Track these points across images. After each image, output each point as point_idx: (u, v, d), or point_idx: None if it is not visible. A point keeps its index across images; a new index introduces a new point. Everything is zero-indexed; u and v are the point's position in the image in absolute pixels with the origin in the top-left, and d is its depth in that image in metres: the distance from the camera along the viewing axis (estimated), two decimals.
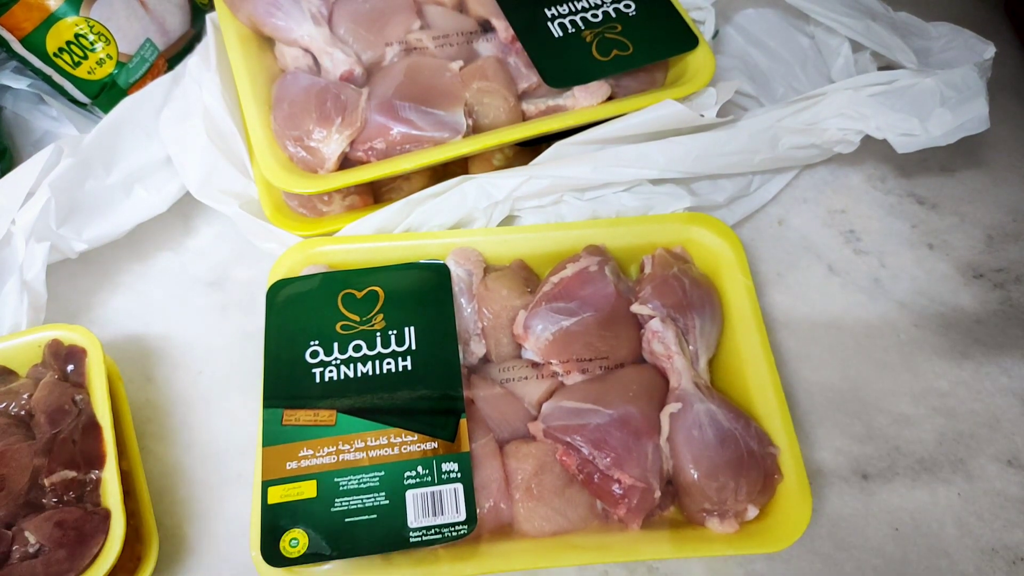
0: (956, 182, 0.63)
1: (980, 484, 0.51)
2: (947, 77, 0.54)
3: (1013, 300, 0.57)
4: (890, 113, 0.54)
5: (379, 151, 0.52)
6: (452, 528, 0.41)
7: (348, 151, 0.52)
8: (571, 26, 0.56)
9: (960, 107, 0.54)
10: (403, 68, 0.54)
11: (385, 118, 0.51)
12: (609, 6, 0.58)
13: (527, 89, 0.56)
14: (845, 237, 0.60)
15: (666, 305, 0.48)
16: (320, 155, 0.51)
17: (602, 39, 0.56)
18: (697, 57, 0.56)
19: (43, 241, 0.51)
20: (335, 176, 0.51)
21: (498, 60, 0.56)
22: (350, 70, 0.54)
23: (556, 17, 0.57)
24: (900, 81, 0.55)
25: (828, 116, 0.56)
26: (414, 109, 0.52)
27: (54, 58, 0.58)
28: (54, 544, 0.40)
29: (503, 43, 0.57)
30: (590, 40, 0.56)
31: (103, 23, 0.58)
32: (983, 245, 0.60)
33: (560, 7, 0.58)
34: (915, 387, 0.54)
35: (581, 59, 0.55)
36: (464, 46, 0.57)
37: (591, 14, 0.57)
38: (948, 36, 0.60)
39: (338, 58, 0.55)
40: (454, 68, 0.54)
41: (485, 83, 0.54)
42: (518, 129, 0.53)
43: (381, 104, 0.52)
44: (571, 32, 0.56)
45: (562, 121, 0.53)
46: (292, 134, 0.51)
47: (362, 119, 0.51)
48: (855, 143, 0.56)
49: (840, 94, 0.55)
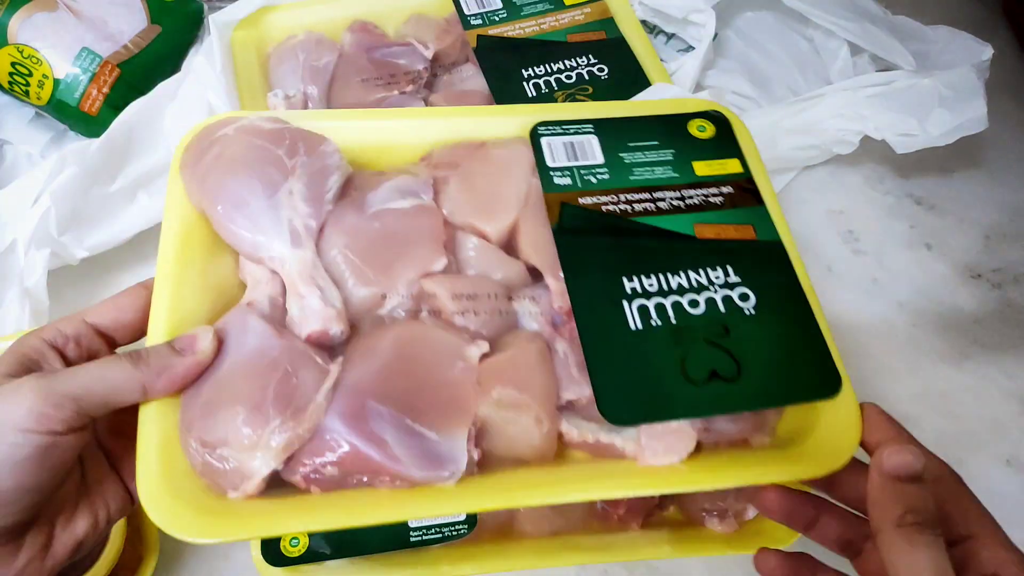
0: (954, 182, 0.63)
1: (980, 484, 0.50)
2: (945, 77, 0.54)
3: (1011, 300, 0.57)
4: (889, 113, 0.55)
5: (327, 479, 0.32)
6: (452, 528, 0.41)
7: (281, 469, 0.32)
8: (656, 310, 0.35)
9: (958, 107, 0.54)
10: (394, 342, 0.35)
11: (348, 429, 0.32)
12: (727, 289, 0.36)
13: (574, 403, 0.36)
14: (843, 237, 0.60)
15: None
16: (237, 471, 0.31)
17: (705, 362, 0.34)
18: (837, 412, 0.34)
19: (43, 248, 0.51)
20: (248, 514, 0.30)
21: (541, 352, 0.36)
22: (323, 330, 0.34)
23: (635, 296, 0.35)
24: (898, 82, 0.55)
25: (827, 117, 0.56)
26: (394, 422, 0.32)
27: (13, 90, 0.57)
28: None
29: (554, 312, 0.38)
30: (679, 363, 0.34)
31: (31, 44, 0.56)
32: (981, 245, 0.60)
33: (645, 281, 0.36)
34: (914, 387, 0.54)
35: (666, 382, 0.33)
36: (496, 316, 0.37)
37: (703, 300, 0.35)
38: (946, 39, 0.60)
39: (311, 308, 0.35)
40: (471, 356, 0.35)
41: (511, 392, 0.34)
42: (546, 490, 0.33)
43: (349, 403, 0.32)
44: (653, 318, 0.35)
45: (620, 485, 0.33)
46: (202, 435, 0.31)
47: (313, 423, 0.32)
48: (854, 144, 0.56)
49: (839, 95, 0.56)
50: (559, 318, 0.38)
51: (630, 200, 0.38)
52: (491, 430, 0.34)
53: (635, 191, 0.38)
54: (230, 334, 0.33)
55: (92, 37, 0.58)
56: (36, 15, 0.56)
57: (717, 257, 0.36)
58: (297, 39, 0.60)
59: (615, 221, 0.37)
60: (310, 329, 0.34)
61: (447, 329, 0.36)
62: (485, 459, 0.34)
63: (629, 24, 0.61)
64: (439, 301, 0.37)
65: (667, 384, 0.33)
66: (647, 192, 0.38)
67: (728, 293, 0.35)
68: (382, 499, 0.31)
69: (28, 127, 0.62)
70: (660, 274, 0.36)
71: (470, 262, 0.39)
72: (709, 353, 0.34)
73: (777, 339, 0.35)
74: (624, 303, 0.35)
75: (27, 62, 0.56)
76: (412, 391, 0.33)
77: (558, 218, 0.37)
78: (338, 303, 0.36)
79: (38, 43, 0.56)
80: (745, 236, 0.37)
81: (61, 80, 0.57)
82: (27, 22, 0.56)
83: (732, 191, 0.39)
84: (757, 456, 0.35)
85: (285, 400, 0.31)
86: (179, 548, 0.48)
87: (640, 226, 0.37)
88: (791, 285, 0.36)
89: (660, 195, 0.38)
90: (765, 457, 0.35)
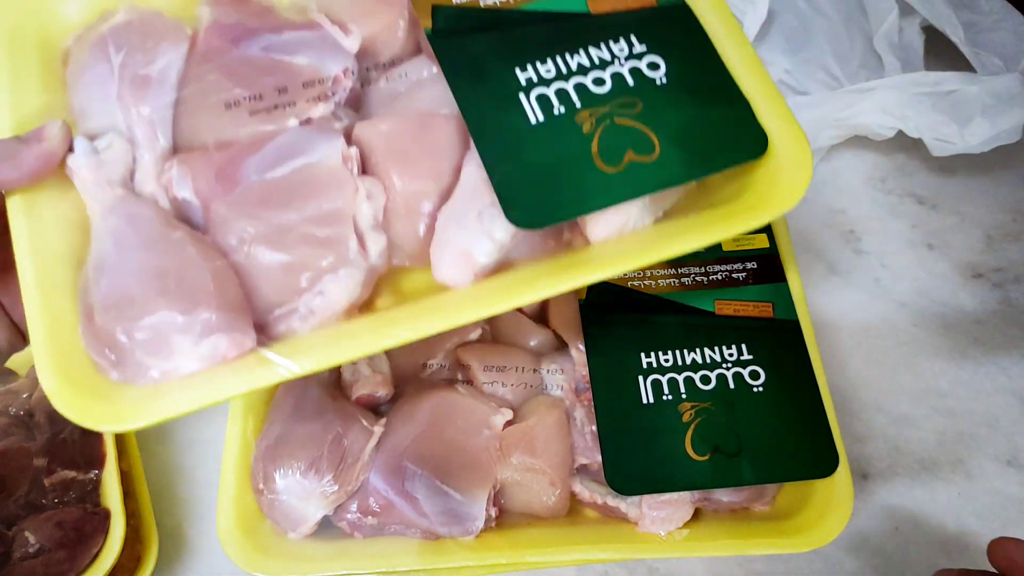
0: (956, 182, 0.63)
1: (980, 484, 0.51)
2: (991, 85, 0.54)
3: (1013, 300, 0.57)
4: (931, 115, 0.55)
5: (367, 527, 0.39)
6: None
7: (331, 515, 0.39)
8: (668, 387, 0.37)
9: (999, 117, 0.54)
10: (431, 410, 0.39)
11: (388, 486, 0.38)
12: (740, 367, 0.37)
13: (587, 466, 0.40)
14: (845, 237, 0.60)
15: None
16: (296, 514, 0.38)
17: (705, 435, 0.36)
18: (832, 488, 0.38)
19: None
20: (305, 558, 0.38)
21: (560, 421, 0.40)
22: (371, 393, 0.41)
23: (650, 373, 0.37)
24: (946, 84, 0.55)
25: (870, 110, 0.56)
26: (425, 482, 0.38)
27: None
28: (54, 544, 0.40)
29: (579, 379, 0.41)
30: (685, 437, 0.36)
31: None
32: (983, 245, 0.60)
33: None
34: (915, 387, 0.54)
35: (671, 455, 0.36)
36: (522, 386, 0.41)
37: None
38: (999, 14, 0.59)
39: (361, 373, 0.41)
40: (496, 424, 0.39)
41: (530, 459, 0.38)
42: (554, 550, 0.38)
43: (390, 462, 0.38)
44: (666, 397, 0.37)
45: (621, 550, 0.38)
46: (268, 483, 0.38)
47: (359, 479, 0.38)
48: (886, 136, 0.57)
49: (888, 92, 0.56)
50: (582, 384, 0.40)
51: (655, 276, 0.40)
52: (509, 490, 0.39)
53: (661, 267, 0.40)
54: (288, 401, 0.40)
55: None
56: None
57: (734, 334, 0.37)
58: (112, 22, 0.33)
59: (639, 297, 0.39)
60: (360, 392, 0.40)
61: (477, 398, 0.40)
62: (503, 513, 0.39)
63: None
64: (472, 372, 0.41)
65: (672, 457, 0.35)
66: (672, 268, 0.39)
67: (739, 371, 0.36)
68: (411, 549, 0.38)
69: None
70: (677, 351, 0.37)
71: (500, 330, 0.42)
72: (714, 429, 0.35)
73: (780, 418, 0.36)
74: (639, 378, 0.36)
75: None
76: (443, 454, 0.38)
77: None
78: (385, 369, 0.41)
79: None
80: (763, 314, 0.38)
81: None
82: None
83: (756, 267, 0.39)
84: (751, 528, 0.39)
85: (337, 457, 0.38)
86: (178, 548, 0.48)
87: (663, 302, 0.39)
88: (801, 364, 0.37)
89: (685, 270, 0.39)
90: (758, 529, 0.38)
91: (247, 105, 0.31)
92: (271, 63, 0.32)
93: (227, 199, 0.29)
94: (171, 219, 0.30)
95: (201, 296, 0.27)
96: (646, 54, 0.31)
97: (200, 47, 0.32)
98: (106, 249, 0.28)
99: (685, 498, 0.38)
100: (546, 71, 0.31)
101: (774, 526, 0.39)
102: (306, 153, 0.30)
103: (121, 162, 0.30)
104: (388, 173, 0.30)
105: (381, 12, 0.33)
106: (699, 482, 0.35)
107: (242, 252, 0.29)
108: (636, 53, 0.31)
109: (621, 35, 0.31)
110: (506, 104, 0.30)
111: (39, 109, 0.31)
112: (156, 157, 0.31)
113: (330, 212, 0.29)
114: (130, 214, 0.29)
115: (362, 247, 0.30)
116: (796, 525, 0.39)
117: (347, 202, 0.29)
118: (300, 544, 0.38)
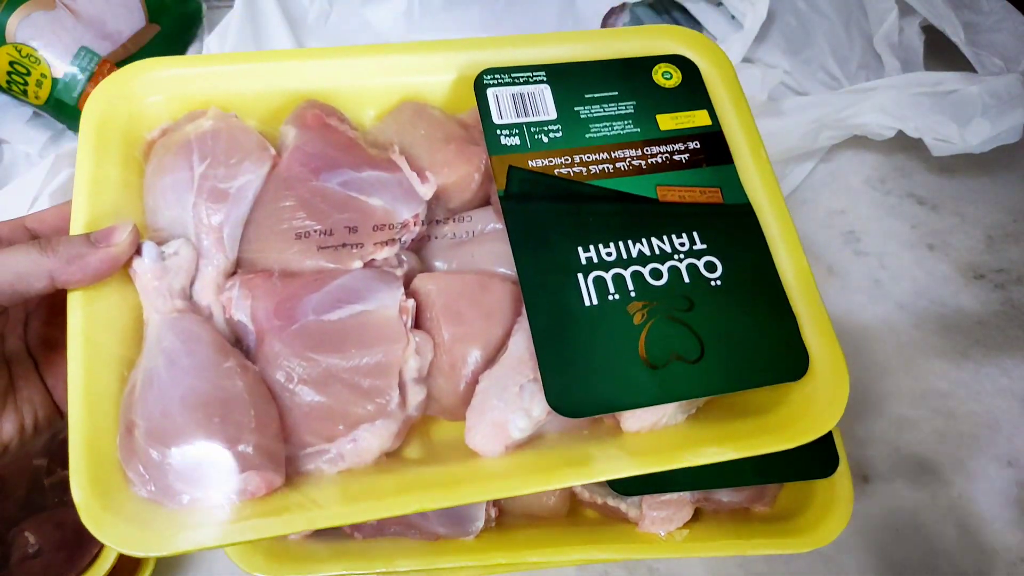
0: (956, 183, 0.63)
1: (980, 484, 0.51)
2: (991, 86, 0.54)
3: (1014, 301, 0.57)
4: (932, 116, 0.55)
5: (367, 527, 0.39)
6: None
7: None
8: None
9: (999, 118, 0.54)
10: None
11: None
12: None
13: None
14: (845, 238, 0.60)
15: None
16: None
17: None
18: (833, 487, 0.40)
19: None
20: (307, 558, 0.38)
21: None
22: None
23: None
24: (946, 84, 0.55)
25: (869, 111, 0.56)
26: None
27: (11, 90, 0.57)
28: (54, 545, 0.40)
29: None
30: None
31: (29, 43, 0.56)
32: (983, 246, 0.60)
33: None
34: (915, 388, 0.54)
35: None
36: None
37: None
38: (999, 14, 0.60)
39: None
40: None
41: None
42: (553, 550, 0.39)
43: None
44: None
45: (620, 550, 0.39)
46: None
47: None
48: (886, 136, 0.57)
49: (888, 92, 0.56)
50: None
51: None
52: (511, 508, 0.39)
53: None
54: None
55: (90, 36, 0.57)
56: (35, 14, 0.56)
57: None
58: (200, 128, 0.32)
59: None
60: None
61: None
62: (502, 514, 0.40)
63: (758, 177, 0.35)
64: None
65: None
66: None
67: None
68: (411, 549, 0.38)
69: (26, 126, 0.62)
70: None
71: None
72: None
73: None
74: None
75: (25, 61, 0.56)
76: None
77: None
78: None
79: (36, 42, 0.56)
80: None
81: (59, 79, 0.57)
82: (26, 21, 0.55)
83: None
84: (752, 528, 0.39)
85: None
86: None
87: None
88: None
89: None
90: (758, 530, 0.39)
91: (316, 239, 0.31)
92: (346, 200, 0.32)
93: (282, 336, 0.30)
94: (225, 345, 0.30)
95: (243, 433, 0.27)
96: (705, 253, 0.32)
97: (281, 170, 0.33)
98: (157, 367, 0.28)
99: (685, 498, 0.38)
100: (607, 254, 0.31)
101: (774, 526, 0.40)
102: (365, 300, 0.31)
103: (185, 271, 0.31)
104: (440, 331, 0.31)
105: (459, 165, 0.34)
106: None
107: (287, 390, 0.29)
108: (696, 251, 0.32)
109: (684, 230, 0.32)
110: (564, 281, 0.30)
111: (114, 204, 0.31)
112: (219, 271, 0.31)
113: (378, 363, 0.30)
114: (187, 334, 0.29)
115: (402, 399, 0.30)
116: (796, 525, 0.39)
117: (396, 355, 0.30)
118: (300, 544, 0.38)
